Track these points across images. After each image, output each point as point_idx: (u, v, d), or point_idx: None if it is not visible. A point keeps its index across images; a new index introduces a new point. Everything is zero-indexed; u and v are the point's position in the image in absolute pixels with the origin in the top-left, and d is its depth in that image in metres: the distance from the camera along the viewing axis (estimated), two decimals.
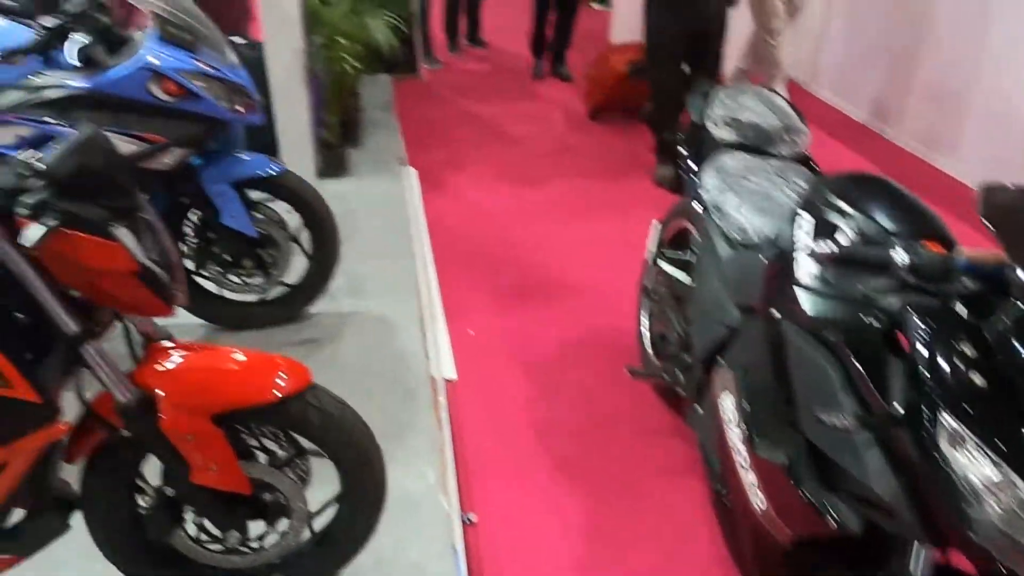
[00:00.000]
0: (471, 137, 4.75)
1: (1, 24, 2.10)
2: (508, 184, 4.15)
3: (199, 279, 2.58)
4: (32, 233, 1.16)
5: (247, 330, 2.71)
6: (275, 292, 2.70)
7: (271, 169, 2.46)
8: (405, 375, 2.57)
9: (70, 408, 1.42)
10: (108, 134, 2.10)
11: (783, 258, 1.63)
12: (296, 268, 2.69)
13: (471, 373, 2.72)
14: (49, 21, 1.94)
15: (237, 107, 2.27)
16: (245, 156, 2.46)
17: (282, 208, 2.61)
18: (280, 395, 1.44)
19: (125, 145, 2.12)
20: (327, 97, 3.80)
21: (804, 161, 2.15)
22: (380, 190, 3.84)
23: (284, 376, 1.48)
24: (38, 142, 2.08)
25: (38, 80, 2.05)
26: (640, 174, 4.23)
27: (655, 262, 2.44)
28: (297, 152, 3.80)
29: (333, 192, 3.74)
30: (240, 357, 1.51)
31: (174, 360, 1.44)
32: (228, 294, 2.63)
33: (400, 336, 2.76)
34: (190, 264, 2.54)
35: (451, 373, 2.69)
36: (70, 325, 1.26)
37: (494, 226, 3.71)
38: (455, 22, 6.26)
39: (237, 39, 4.30)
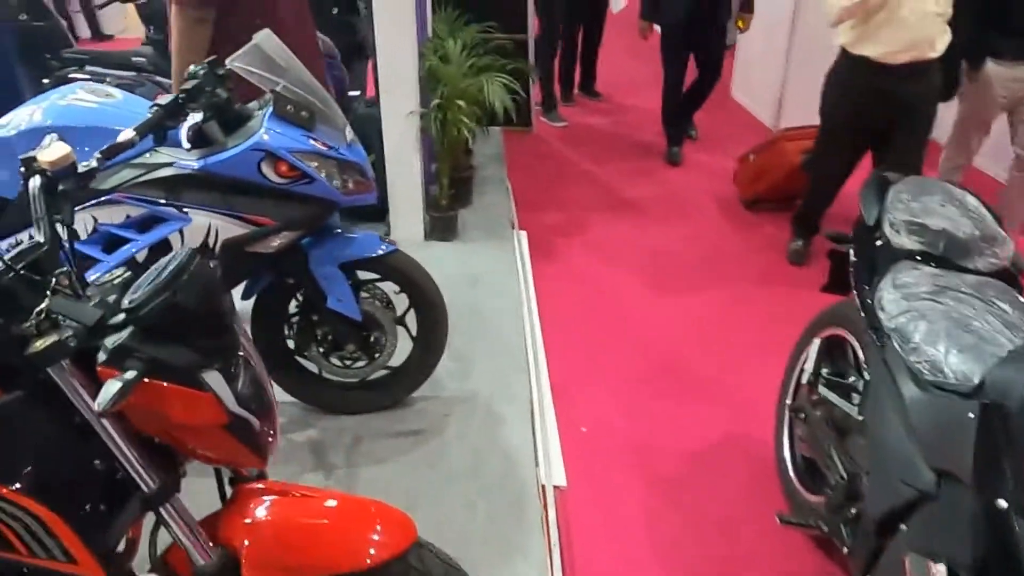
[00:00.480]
0: (588, 201, 4.48)
1: (117, 98, 2.03)
2: (630, 259, 3.83)
3: (299, 359, 2.44)
4: (110, 386, 0.98)
5: (346, 414, 2.55)
6: (377, 375, 2.52)
7: (381, 249, 2.30)
8: (512, 481, 2.32)
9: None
10: (216, 217, 2.03)
11: (1003, 417, 1.29)
12: (401, 351, 2.51)
13: (583, 478, 2.44)
14: (164, 98, 1.84)
15: (351, 187, 2.11)
16: (355, 235, 2.30)
17: (389, 287, 2.44)
18: (378, 561, 1.21)
19: (234, 228, 1.99)
20: (439, 158, 3.66)
21: (1007, 278, 1.78)
22: (489, 256, 3.65)
23: (385, 533, 1.26)
24: (147, 223, 1.98)
25: (150, 158, 1.95)
26: (790, 272, 3.76)
27: (810, 383, 2.10)
28: (406, 213, 3.68)
29: (440, 256, 3.62)
30: (335, 505, 1.30)
31: (263, 509, 1.25)
32: (328, 374, 2.48)
33: (507, 432, 2.52)
34: (291, 344, 2.40)
35: (561, 479, 2.43)
36: (149, 483, 1.09)
37: (612, 306, 3.43)
38: (570, 72, 6.09)
39: (355, 93, 4.29)
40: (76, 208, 1.96)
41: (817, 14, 5.16)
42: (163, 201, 1.95)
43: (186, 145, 1.82)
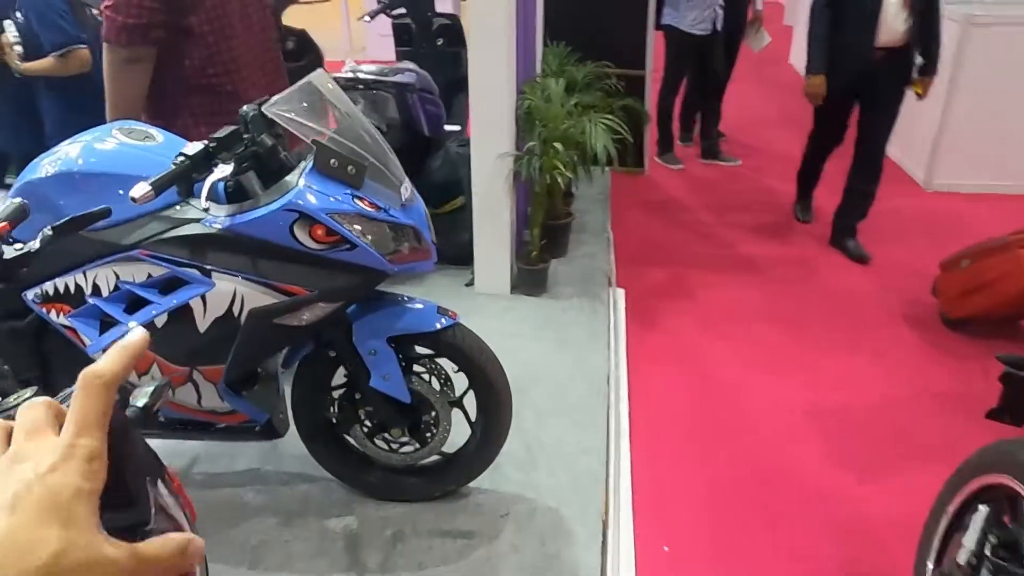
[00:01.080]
0: (702, 259, 4.00)
1: (158, 140, 1.81)
2: (746, 337, 3.33)
3: (346, 436, 2.16)
4: None
5: (390, 500, 2.23)
6: (429, 460, 2.20)
7: (439, 324, 1.98)
8: None
9: None
10: (242, 283, 1.76)
11: None
12: (459, 434, 2.17)
13: None
14: (192, 147, 1.61)
15: (403, 254, 1.81)
16: (408, 304, 1.99)
17: (449, 363, 2.12)
18: None
19: (261, 296, 1.72)
20: (532, 205, 3.33)
21: None
22: (580, 316, 3.27)
23: None
24: (170, 284, 1.75)
25: (177, 212, 1.72)
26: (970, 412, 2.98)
27: (971, 564, 1.59)
28: (492, 262, 3.37)
29: (525, 313, 3.28)
30: None
31: None
32: (372, 456, 2.18)
33: (573, 543, 2.12)
34: (334, 420, 2.12)
35: None
36: None
37: (717, 394, 2.96)
38: (692, 111, 5.64)
39: (455, 128, 4.04)
40: (98, 263, 1.77)
41: (980, 61, 4.52)
42: (186, 261, 1.71)
43: (203, 204, 1.56)
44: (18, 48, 3.06)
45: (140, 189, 1.49)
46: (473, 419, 2.16)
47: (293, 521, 2.18)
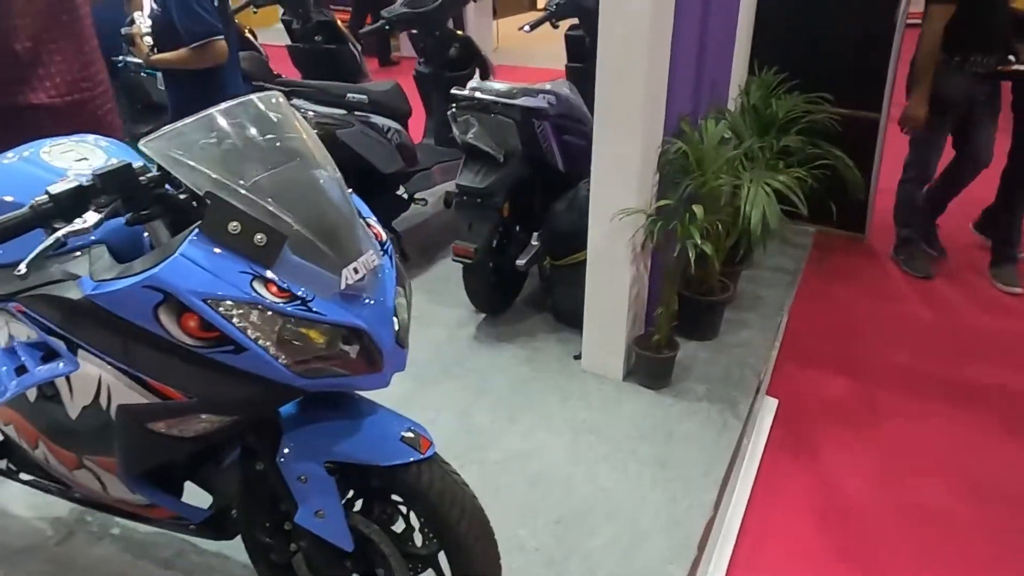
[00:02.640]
0: (906, 381, 2.91)
1: (90, 161, 1.43)
2: (937, 515, 2.32)
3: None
4: None
5: None
6: None
7: (396, 457, 1.40)
8: None
9: None
10: (108, 371, 1.31)
11: None
12: None
13: None
14: (63, 184, 1.19)
15: (334, 365, 1.25)
16: (368, 417, 1.44)
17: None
18: None
19: (130, 393, 1.27)
20: (663, 278, 2.60)
21: None
22: (699, 429, 2.48)
23: None
24: (50, 352, 1.36)
25: (61, 263, 1.32)
26: None
27: None
28: (602, 339, 2.70)
29: (632, 411, 2.57)
30: None
31: None
32: None
33: None
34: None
35: None
36: None
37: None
38: (944, 200, 4.19)
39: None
40: None
41: None
42: (56, 329, 1.31)
43: (22, 269, 1.12)
44: (148, 40, 2.97)
45: None
46: None
47: None
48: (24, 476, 1.79)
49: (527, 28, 3.72)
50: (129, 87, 3.88)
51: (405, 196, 3.50)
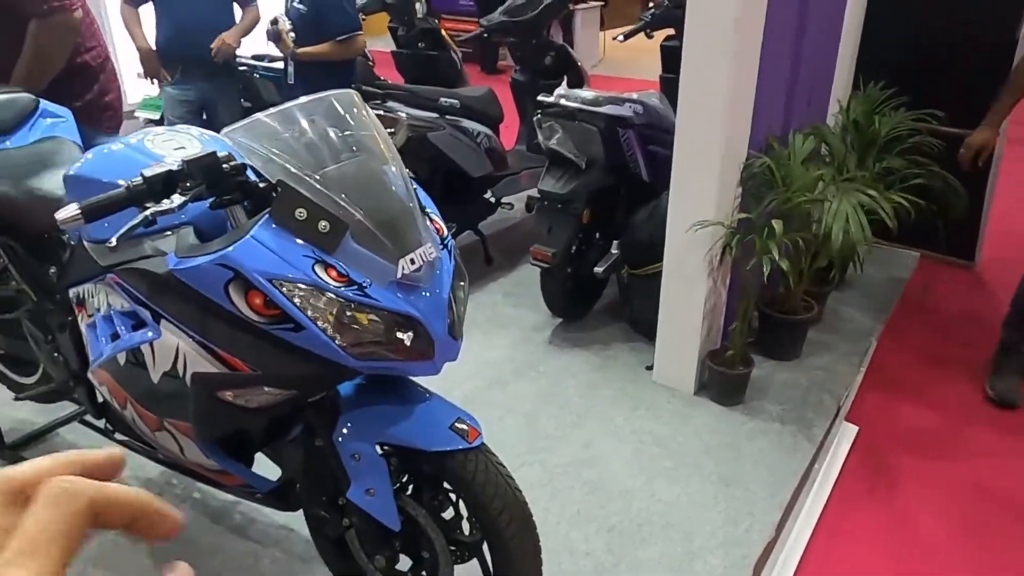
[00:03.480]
0: (1002, 418, 2.70)
1: (185, 148, 1.56)
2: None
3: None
4: None
5: None
6: None
7: (445, 445, 1.45)
8: None
9: None
10: (185, 340, 1.42)
11: None
12: None
13: None
14: (156, 168, 1.30)
15: (385, 349, 1.32)
16: (421, 404, 1.50)
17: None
18: None
19: (202, 362, 1.38)
20: (739, 293, 2.55)
21: None
22: (770, 450, 2.41)
23: None
24: (139, 320, 1.49)
25: (152, 239, 1.45)
26: None
27: None
28: (675, 352, 2.69)
29: (697, 425, 2.54)
30: None
31: None
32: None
33: None
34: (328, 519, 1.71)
35: None
36: None
37: None
38: None
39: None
40: (94, 279, 1.58)
41: None
42: (143, 299, 1.44)
43: (112, 241, 1.24)
44: (291, 35, 3.20)
45: (67, 211, 1.23)
46: (492, 572, 1.60)
47: None
48: (119, 436, 1.96)
49: (620, 38, 3.73)
50: (245, 86, 4.15)
51: (492, 200, 3.57)
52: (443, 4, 8.61)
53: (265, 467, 1.76)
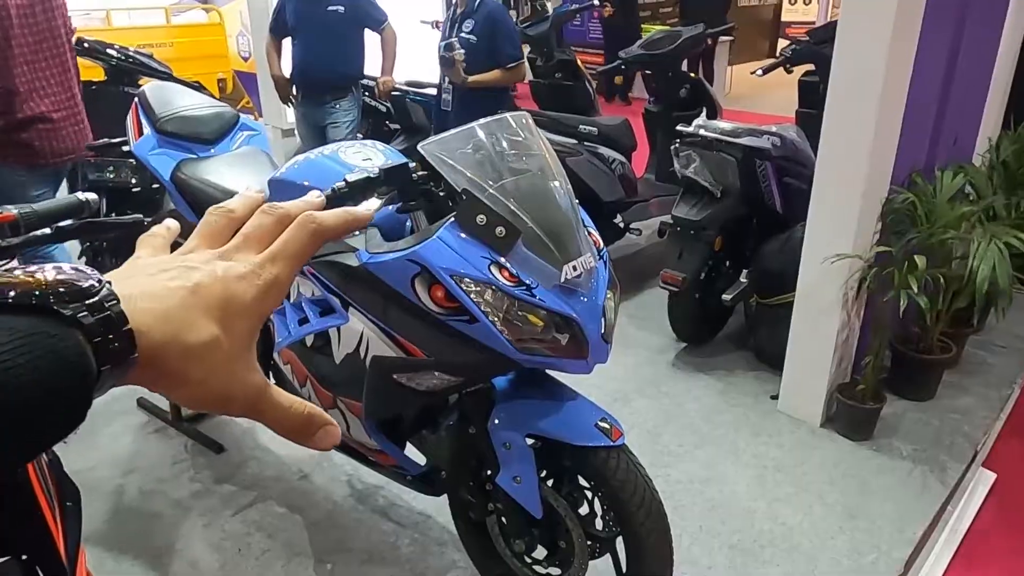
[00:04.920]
0: None
1: (373, 160, 1.78)
2: None
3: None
4: None
5: None
6: None
7: (588, 440, 1.57)
8: None
9: None
10: (369, 326, 1.62)
11: None
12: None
13: None
14: (357, 174, 1.51)
15: (545, 346, 1.46)
16: (569, 401, 1.63)
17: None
18: None
19: (383, 346, 1.56)
20: (873, 327, 2.54)
21: None
22: (897, 489, 2.38)
23: None
24: (327, 307, 1.70)
25: (346, 237, 1.66)
26: None
27: None
28: (803, 383, 2.71)
29: (823, 458, 2.56)
30: None
31: None
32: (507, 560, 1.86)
33: None
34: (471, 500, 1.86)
35: None
36: None
37: None
38: None
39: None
40: None
41: None
42: (334, 288, 1.64)
43: (359, 244, 1.45)
44: (463, 63, 3.46)
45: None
46: (624, 572, 1.70)
47: None
48: None
49: (760, 72, 3.78)
50: (397, 109, 4.49)
51: (621, 225, 3.69)
52: (573, 37, 8.88)
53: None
